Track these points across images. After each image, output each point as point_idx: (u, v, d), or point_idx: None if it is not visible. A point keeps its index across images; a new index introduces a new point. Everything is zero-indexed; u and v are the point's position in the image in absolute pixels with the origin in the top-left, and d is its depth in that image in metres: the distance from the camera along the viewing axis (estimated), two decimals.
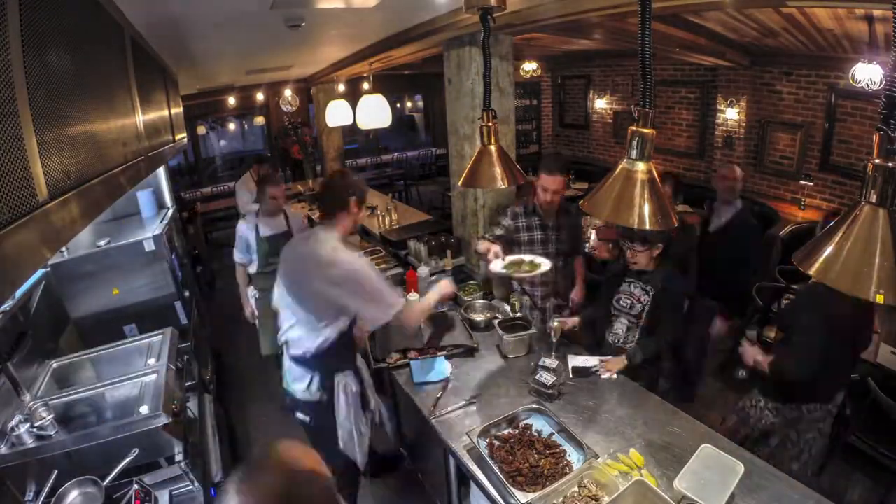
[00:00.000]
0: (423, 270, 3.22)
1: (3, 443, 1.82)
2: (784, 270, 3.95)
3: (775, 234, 4.34)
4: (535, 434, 1.95)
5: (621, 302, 2.52)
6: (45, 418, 1.90)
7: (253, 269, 3.49)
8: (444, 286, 2.46)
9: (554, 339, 2.43)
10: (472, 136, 3.33)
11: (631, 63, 6.80)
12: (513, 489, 1.66)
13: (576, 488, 1.68)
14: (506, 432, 1.97)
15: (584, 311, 2.81)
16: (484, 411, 2.16)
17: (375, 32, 3.67)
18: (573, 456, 1.83)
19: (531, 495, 1.64)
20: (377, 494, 2.89)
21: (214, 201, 8.18)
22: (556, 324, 2.43)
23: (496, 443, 1.92)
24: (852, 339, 2.10)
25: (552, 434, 1.95)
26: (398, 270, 3.55)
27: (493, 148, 1.97)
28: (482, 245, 2.78)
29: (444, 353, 2.56)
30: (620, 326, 2.53)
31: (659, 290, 2.41)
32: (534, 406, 2.07)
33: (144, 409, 1.95)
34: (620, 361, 2.36)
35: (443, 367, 2.46)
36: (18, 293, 2.25)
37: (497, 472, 1.73)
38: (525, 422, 2.03)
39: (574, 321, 2.62)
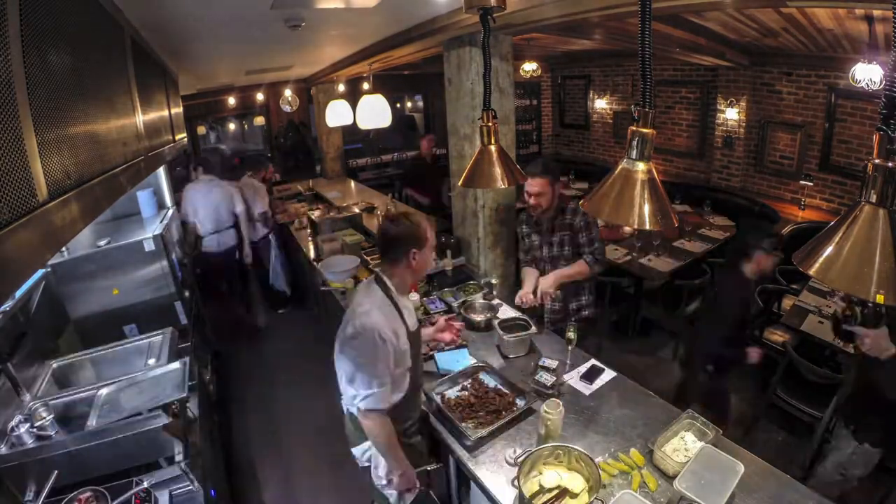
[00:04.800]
0: None
1: (3, 443, 1.83)
2: (784, 270, 3.95)
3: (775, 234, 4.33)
4: (487, 385, 2.28)
5: None
6: (45, 418, 1.91)
7: None
8: None
9: (569, 349, 2.46)
10: (472, 136, 3.33)
11: (631, 63, 6.80)
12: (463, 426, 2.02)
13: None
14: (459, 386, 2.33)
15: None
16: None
17: (375, 32, 3.66)
18: (519, 401, 2.16)
19: (482, 431, 1.98)
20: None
21: None
22: (572, 334, 2.41)
23: (450, 396, 2.24)
24: None
25: (496, 386, 2.28)
26: None
27: (493, 148, 1.97)
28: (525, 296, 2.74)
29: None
30: None
31: None
32: (480, 365, 2.41)
33: (144, 410, 1.95)
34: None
35: (466, 358, 2.54)
36: (18, 293, 2.25)
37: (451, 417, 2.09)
38: (474, 376, 2.35)
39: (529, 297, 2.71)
